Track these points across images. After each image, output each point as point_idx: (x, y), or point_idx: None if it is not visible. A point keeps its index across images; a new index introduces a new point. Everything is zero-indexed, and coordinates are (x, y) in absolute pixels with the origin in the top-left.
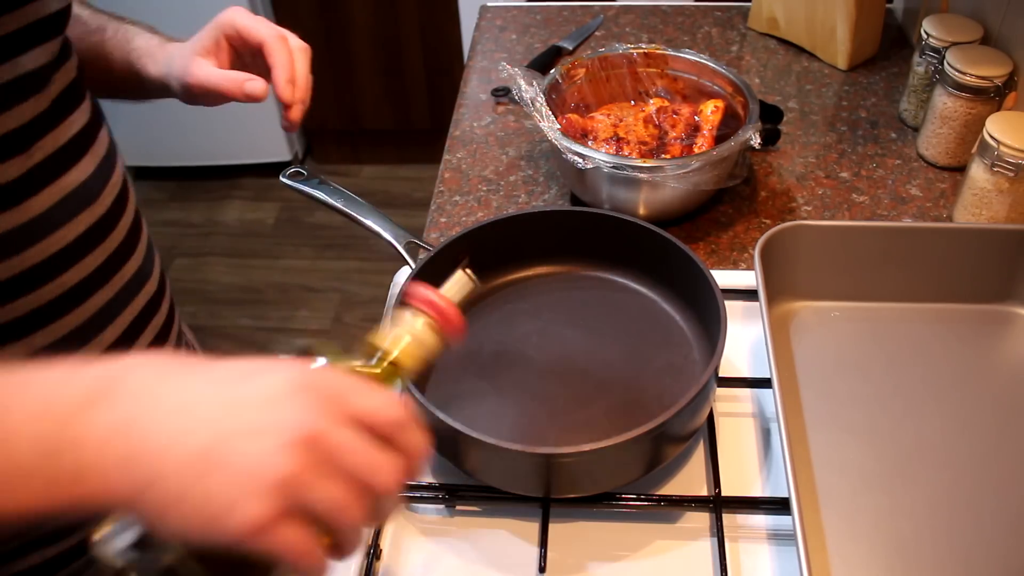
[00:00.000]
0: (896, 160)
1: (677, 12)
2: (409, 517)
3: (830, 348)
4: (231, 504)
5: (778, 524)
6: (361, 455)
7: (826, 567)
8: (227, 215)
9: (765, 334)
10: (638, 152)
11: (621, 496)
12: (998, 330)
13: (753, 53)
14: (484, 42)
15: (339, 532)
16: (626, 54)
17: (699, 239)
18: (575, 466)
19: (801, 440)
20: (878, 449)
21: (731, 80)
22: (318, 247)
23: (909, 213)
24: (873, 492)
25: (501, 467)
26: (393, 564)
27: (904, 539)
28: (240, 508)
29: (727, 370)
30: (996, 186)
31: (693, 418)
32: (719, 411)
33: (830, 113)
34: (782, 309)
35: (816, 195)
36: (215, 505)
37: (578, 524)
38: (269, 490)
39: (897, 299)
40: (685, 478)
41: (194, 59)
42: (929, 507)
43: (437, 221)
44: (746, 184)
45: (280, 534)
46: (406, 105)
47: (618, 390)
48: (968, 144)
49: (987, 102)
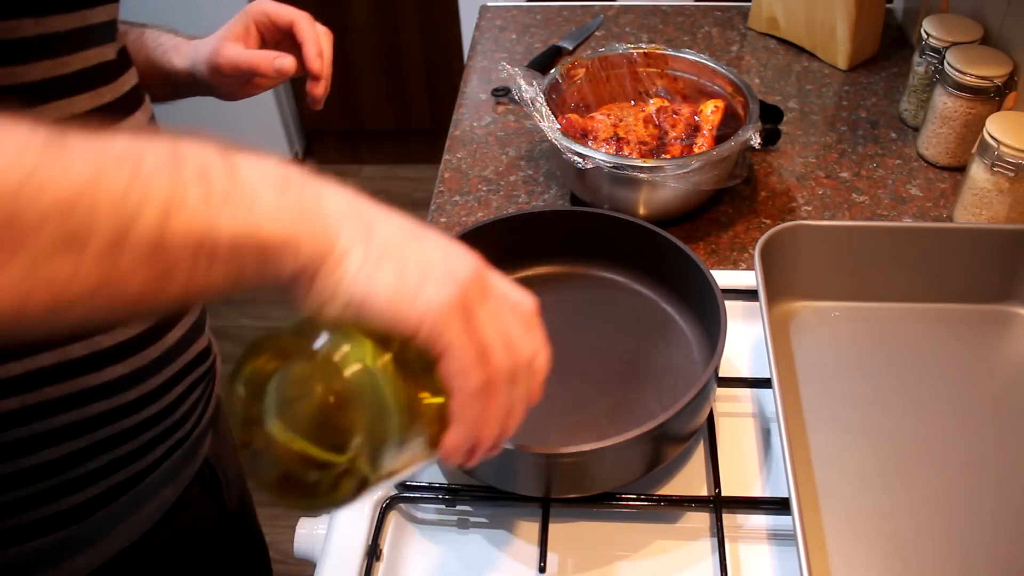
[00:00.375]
0: (896, 160)
1: (677, 12)
2: (409, 517)
3: (830, 348)
4: (422, 280)
5: (778, 524)
6: (519, 320)
7: (826, 567)
8: None
9: (765, 334)
10: (638, 152)
11: (621, 496)
12: (998, 330)
13: (753, 53)
14: (484, 42)
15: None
16: (626, 54)
17: (699, 239)
18: (575, 466)
19: (801, 440)
20: (878, 449)
21: (731, 80)
22: None
23: (909, 213)
24: (873, 492)
25: (501, 467)
26: (393, 564)
27: (904, 539)
28: (428, 288)
29: (727, 370)
30: (996, 186)
31: (693, 418)
32: (719, 411)
33: (830, 113)
34: (782, 309)
35: (816, 195)
36: (411, 276)
37: (578, 524)
38: (457, 286)
39: (897, 299)
40: (685, 478)
41: (223, 43)
42: (929, 507)
43: (437, 221)
44: (746, 184)
45: (454, 331)
46: (406, 105)
47: (618, 390)
48: (968, 144)
49: (987, 102)
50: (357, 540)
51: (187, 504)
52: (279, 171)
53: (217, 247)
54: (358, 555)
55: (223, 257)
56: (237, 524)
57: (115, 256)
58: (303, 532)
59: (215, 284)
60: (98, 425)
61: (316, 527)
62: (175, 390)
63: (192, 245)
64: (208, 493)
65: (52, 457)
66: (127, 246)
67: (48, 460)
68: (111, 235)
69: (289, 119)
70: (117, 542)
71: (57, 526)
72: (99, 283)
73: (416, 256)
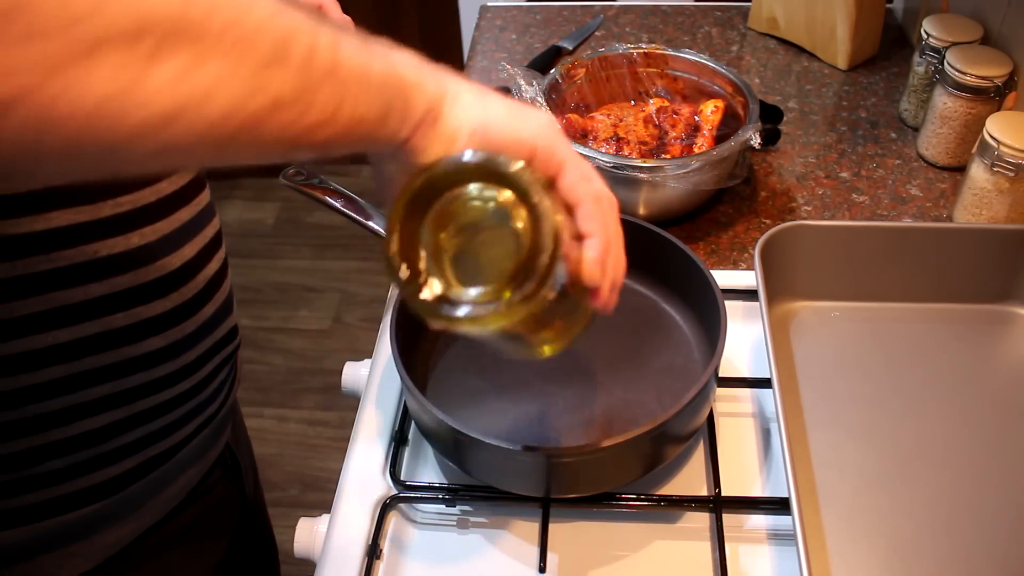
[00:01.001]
0: (896, 160)
1: (677, 12)
2: (409, 517)
3: (830, 348)
4: (522, 110)
5: (778, 524)
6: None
7: (826, 567)
8: (227, 215)
9: (765, 334)
10: (638, 152)
11: (621, 496)
12: (998, 330)
13: (753, 53)
14: (484, 42)
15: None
16: (626, 54)
17: (699, 239)
18: (575, 466)
19: (801, 440)
20: (878, 449)
21: (731, 80)
22: (318, 247)
23: (909, 213)
24: (873, 492)
25: (501, 467)
26: (393, 564)
27: (904, 539)
28: (531, 114)
29: (727, 370)
30: (996, 186)
31: (693, 418)
32: (719, 411)
33: (830, 113)
34: (782, 309)
35: (816, 195)
36: (514, 107)
37: (578, 524)
38: (558, 125)
39: (897, 299)
40: (685, 478)
41: None
42: (929, 507)
43: None
44: (746, 184)
45: (566, 146)
46: None
47: (618, 390)
48: (968, 144)
49: (987, 102)
50: (357, 540)
51: (209, 489)
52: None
53: (371, 80)
54: (358, 555)
55: (375, 90)
56: (253, 516)
57: (307, 73)
58: (303, 532)
59: (370, 117)
60: (136, 397)
61: (316, 527)
62: (206, 367)
63: (356, 74)
64: (229, 478)
65: (91, 428)
66: (315, 66)
67: (88, 431)
68: (304, 54)
69: None
70: (148, 517)
71: (93, 498)
72: (296, 95)
73: (505, 98)
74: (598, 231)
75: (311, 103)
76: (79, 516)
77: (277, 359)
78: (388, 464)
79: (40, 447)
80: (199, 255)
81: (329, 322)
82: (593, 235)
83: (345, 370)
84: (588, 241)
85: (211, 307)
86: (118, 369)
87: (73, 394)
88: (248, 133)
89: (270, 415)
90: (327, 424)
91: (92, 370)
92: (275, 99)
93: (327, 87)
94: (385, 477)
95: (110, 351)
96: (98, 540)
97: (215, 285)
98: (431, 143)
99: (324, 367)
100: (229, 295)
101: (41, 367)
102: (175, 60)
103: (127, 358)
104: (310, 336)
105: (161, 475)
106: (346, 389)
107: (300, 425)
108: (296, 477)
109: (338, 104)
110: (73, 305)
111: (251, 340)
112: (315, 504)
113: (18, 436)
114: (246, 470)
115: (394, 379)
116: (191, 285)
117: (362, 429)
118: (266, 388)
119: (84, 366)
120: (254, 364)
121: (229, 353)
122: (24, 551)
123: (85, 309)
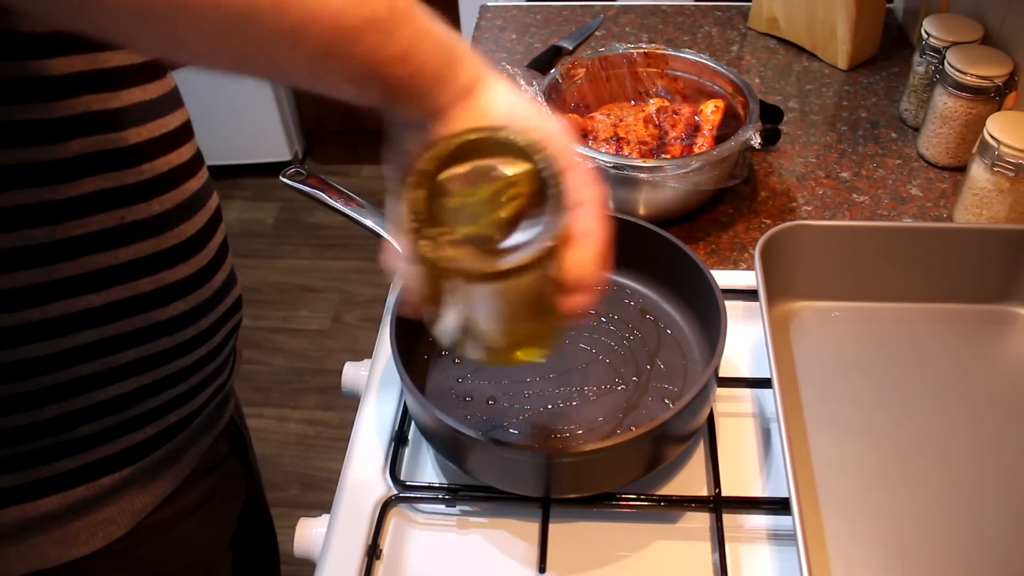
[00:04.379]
0: (896, 160)
1: (677, 12)
2: (409, 517)
3: (830, 348)
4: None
5: (778, 524)
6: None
7: (826, 567)
8: (227, 215)
9: (765, 334)
10: (638, 152)
11: (621, 496)
12: (998, 330)
13: (753, 53)
14: (484, 42)
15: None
16: (626, 54)
17: (699, 239)
18: (575, 466)
19: (801, 440)
20: (878, 449)
21: (731, 80)
22: (318, 247)
23: (909, 213)
24: (873, 492)
25: (501, 467)
26: (393, 564)
27: (904, 539)
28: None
29: (727, 370)
30: (996, 186)
31: (693, 418)
32: (719, 411)
33: (830, 113)
34: (782, 309)
35: (816, 195)
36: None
37: (578, 524)
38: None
39: (897, 299)
40: (685, 478)
41: None
42: (929, 507)
43: None
44: (746, 184)
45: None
46: None
47: (618, 390)
48: (968, 144)
49: (987, 102)
50: (357, 540)
51: (219, 462)
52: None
53: (435, 36)
54: (358, 555)
55: (437, 47)
56: (256, 496)
57: (393, 5)
58: (303, 532)
59: (429, 69)
60: (161, 361)
61: (316, 527)
62: (219, 333)
63: (426, 26)
64: (235, 452)
65: (121, 392)
66: (398, 4)
67: (117, 395)
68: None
69: (289, 119)
70: (166, 486)
71: (120, 464)
72: (385, 22)
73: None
74: (593, 232)
75: (393, 34)
76: (110, 481)
77: (277, 359)
78: (388, 464)
79: (73, 412)
80: (207, 225)
81: (329, 322)
82: (588, 235)
83: (345, 370)
84: (583, 240)
85: (221, 275)
86: (145, 334)
87: (104, 358)
88: (345, 47)
89: (270, 415)
90: (327, 424)
91: (122, 335)
92: (372, 16)
93: (407, 25)
94: (385, 477)
95: (138, 315)
96: (127, 506)
97: (222, 255)
98: (462, 117)
99: (324, 367)
100: (232, 267)
101: (75, 331)
102: None
103: (153, 322)
104: (310, 336)
105: (179, 444)
106: (346, 389)
107: (300, 425)
108: (296, 477)
109: (412, 44)
110: (104, 269)
111: (251, 340)
112: (315, 504)
113: (53, 401)
114: (249, 446)
115: (394, 379)
116: (204, 253)
117: (362, 429)
118: (266, 388)
119: (114, 330)
120: (254, 364)
121: (236, 322)
122: (58, 519)
123: (115, 273)
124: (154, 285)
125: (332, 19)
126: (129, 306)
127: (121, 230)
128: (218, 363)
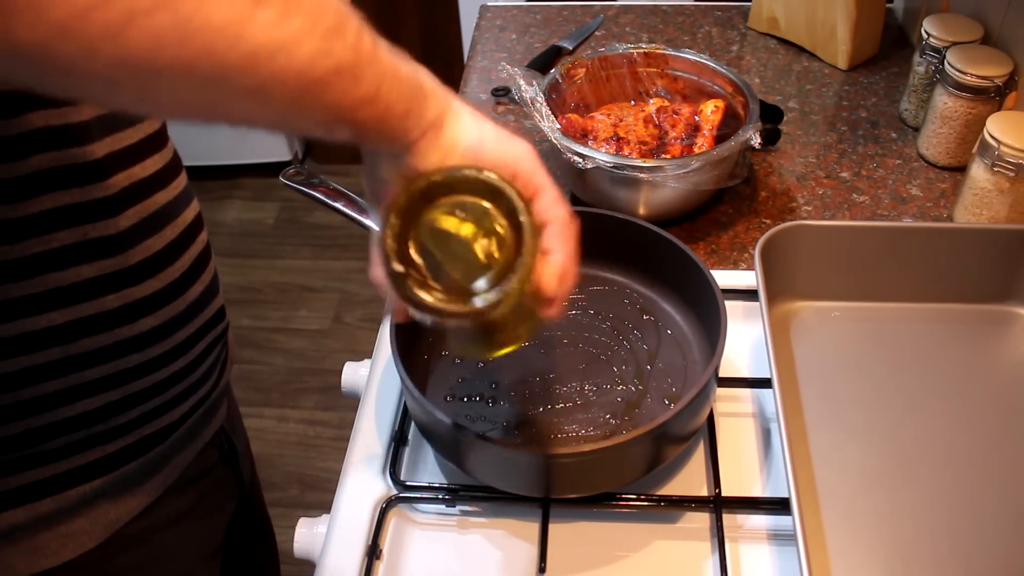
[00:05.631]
0: (896, 160)
1: (677, 12)
2: (409, 517)
3: (830, 348)
4: (511, 135)
5: (778, 524)
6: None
7: (826, 567)
8: (227, 215)
9: (765, 334)
10: (638, 152)
11: (621, 496)
12: (998, 330)
13: (753, 53)
14: (484, 42)
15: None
16: (626, 54)
17: (699, 239)
18: (575, 466)
19: (801, 440)
20: (878, 449)
21: (731, 80)
22: (318, 247)
23: (909, 213)
24: (873, 492)
25: (501, 467)
26: (393, 564)
27: (904, 539)
28: (517, 140)
29: (727, 370)
30: (996, 186)
31: (693, 418)
32: (719, 411)
33: (830, 113)
34: (782, 309)
35: (816, 195)
36: (503, 131)
37: (578, 524)
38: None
39: (897, 299)
40: (685, 478)
41: None
42: (929, 507)
43: None
44: (746, 184)
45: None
46: None
47: (618, 390)
48: (968, 144)
49: (987, 102)
50: (357, 540)
51: (206, 472)
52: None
53: (400, 75)
54: (358, 555)
55: (403, 85)
56: (250, 505)
57: (359, 50)
58: (303, 532)
59: (398, 109)
60: (131, 378)
61: (316, 527)
62: (197, 347)
63: (392, 66)
64: (225, 461)
65: (87, 409)
66: (363, 47)
67: (84, 412)
68: (355, 33)
69: None
70: (144, 497)
71: (90, 476)
72: (351, 67)
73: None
74: (561, 249)
75: (359, 78)
76: (78, 494)
77: (277, 359)
78: (388, 464)
79: (37, 429)
80: (180, 237)
81: (329, 322)
82: (556, 252)
83: (345, 370)
84: (551, 257)
85: (197, 287)
86: (112, 351)
87: (69, 376)
88: (314, 97)
89: (270, 415)
90: (327, 424)
91: (87, 352)
92: (337, 65)
93: (372, 69)
94: (385, 477)
95: (104, 332)
96: (100, 518)
97: (199, 266)
98: (432, 150)
99: (324, 367)
100: (214, 277)
101: (37, 349)
102: (272, 8)
103: (121, 339)
104: (310, 336)
105: (157, 455)
106: (346, 389)
107: (300, 425)
108: (296, 477)
109: (378, 86)
110: (67, 287)
111: (251, 340)
112: (315, 504)
113: (16, 418)
114: (242, 456)
115: (394, 379)
116: (177, 266)
117: (362, 429)
118: (266, 388)
119: (79, 348)
120: (254, 364)
121: (219, 334)
122: (25, 530)
123: (78, 291)
124: (120, 301)
125: (299, 74)
126: (94, 323)
127: (83, 246)
128: (199, 374)
